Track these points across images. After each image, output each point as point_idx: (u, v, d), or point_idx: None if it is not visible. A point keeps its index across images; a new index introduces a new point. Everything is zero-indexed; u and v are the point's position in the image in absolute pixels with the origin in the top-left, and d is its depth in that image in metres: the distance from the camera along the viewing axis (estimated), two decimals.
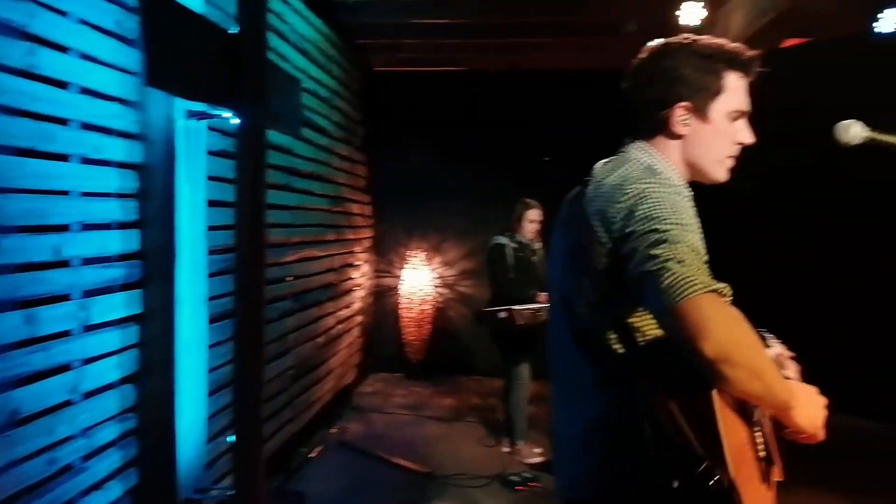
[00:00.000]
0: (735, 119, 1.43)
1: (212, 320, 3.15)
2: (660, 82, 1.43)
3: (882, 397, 5.09)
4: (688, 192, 1.35)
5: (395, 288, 7.25)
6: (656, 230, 1.21)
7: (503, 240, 4.78)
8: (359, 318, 6.44)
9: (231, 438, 3.01)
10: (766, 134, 1.52)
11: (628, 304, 1.33)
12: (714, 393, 1.24)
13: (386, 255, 7.32)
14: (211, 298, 3.12)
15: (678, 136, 1.44)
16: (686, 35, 1.46)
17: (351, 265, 6.11)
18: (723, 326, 1.13)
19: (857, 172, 3.83)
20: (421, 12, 5.52)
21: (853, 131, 1.47)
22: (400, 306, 7.13)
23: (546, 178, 6.49)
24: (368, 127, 6.62)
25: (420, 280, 7.06)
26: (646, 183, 1.30)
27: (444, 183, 7.05)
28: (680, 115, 1.41)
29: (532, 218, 4.78)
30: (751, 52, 1.42)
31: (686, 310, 1.13)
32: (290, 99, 3.50)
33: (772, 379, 1.21)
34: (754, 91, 1.48)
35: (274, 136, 3.75)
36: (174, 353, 2.83)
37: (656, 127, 1.45)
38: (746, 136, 1.45)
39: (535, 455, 4.75)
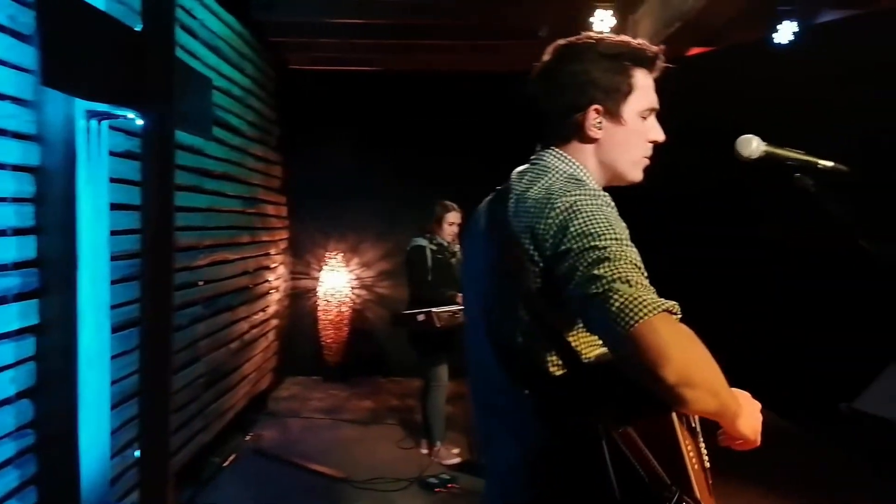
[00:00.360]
0: (646, 117, 1.41)
1: (115, 329, 3.02)
2: (570, 86, 1.38)
3: (786, 395, 5.34)
4: (611, 201, 1.29)
5: (313, 290, 7.15)
6: (595, 247, 1.15)
7: (422, 242, 4.77)
8: (274, 322, 6.31)
9: (137, 453, 2.89)
10: (669, 135, 1.51)
11: (566, 325, 1.28)
12: (674, 415, 1.20)
13: (303, 257, 7.20)
14: (114, 307, 2.99)
15: (593, 140, 1.39)
16: (588, 35, 1.42)
17: (266, 268, 5.98)
18: (681, 349, 1.07)
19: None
20: (337, 12, 5.45)
21: (754, 146, 1.49)
22: (317, 308, 7.04)
23: (462, 178, 6.57)
24: (284, 126, 6.49)
25: (338, 281, 6.98)
26: (574, 195, 1.23)
27: (361, 183, 7.00)
28: (593, 119, 1.37)
29: (451, 220, 4.80)
30: (655, 49, 1.41)
31: (640, 335, 1.06)
32: (200, 98, 3.38)
33: (726, 393, 1.18)
34: (660, 93, 1.47)
35: (183, 136, 3.62)
36: (75, 365, 2.69)
37: (569, 132, 1.40)
38: (658, 133, 1.43)
39: (453, 456, 4.77)
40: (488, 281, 1.38)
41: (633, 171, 1.43)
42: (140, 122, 2.64)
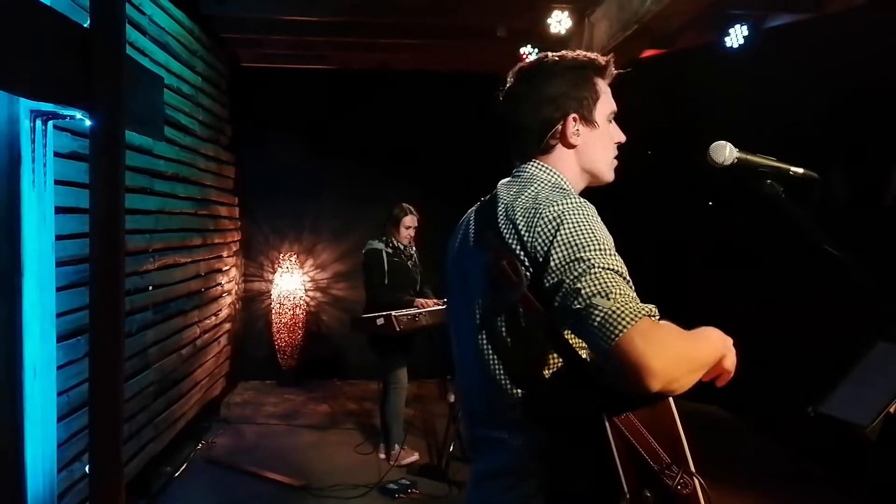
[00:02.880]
0: (611, 121, 1.53)
1: (61, 338, 2.89)
2: (546, 102, 1.47)
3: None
4: (594, 210, 1.36)
5: (266, 292, 7.03)
6: (579, 259, 1.22)
7: (378, 245, 4.71)
8: (227, 326, 6.16)
9: (87, 468, 2.77)
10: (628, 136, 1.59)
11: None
12: (670, 399, 1.29)
13: (256, 259, 7.07)
14: (60, 314, 2.86)
15: (572, 147, 1.48)
16: (545, 55, 1.53)
17: (218, 270, 5.83)
18: (660, 357, 1.13)
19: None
20: (290, 8, 5.34)
21: (727, 152, 1.50)
22: (271, 311, 6.91)
23: (418, 179, 6.54)
24: (236, 125, 6.33)
25: (292, 284, 6.86)
26: (560, 206, 1.31)
27: (316, 183, 6.92)
28: (572, 127, 1.47)
29: (408, 224, 4.76)
30: (607, 58, 1.52)
31: (621, 349, 1.12)
32: (151, 97, 3.25)
33: (707, 354, 1.28)
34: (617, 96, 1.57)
35: (133, 136, 3.50)
36: (20, 376, 2.57)
37: (549, 144, 1.48)
38: (620, 135, 1.55)
39: (410, 455, 4.72)
40: (481, 286, 1.42)
41: (609, 172, 1.54)
42: (88, 122, 2.52)
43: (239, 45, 6.21)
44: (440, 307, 4.55)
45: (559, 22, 5.19)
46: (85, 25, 2.47)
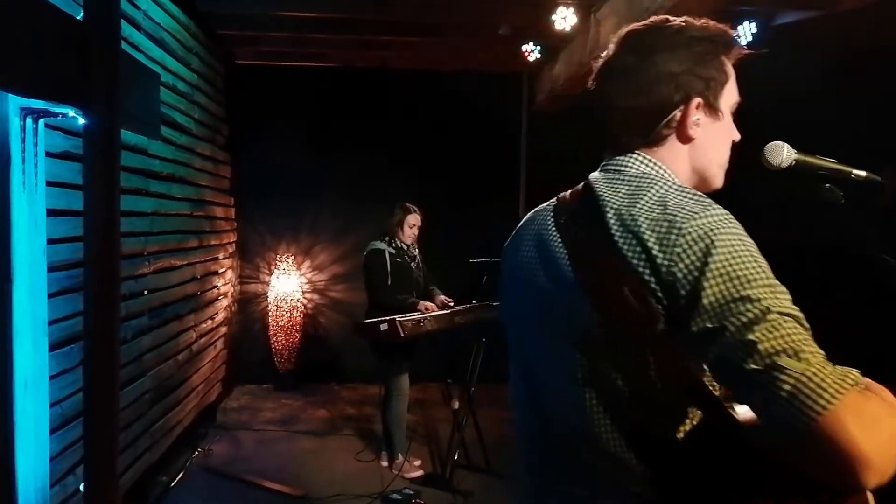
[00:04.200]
0: (733, 113, 1.23)
1: (54, 347, 2.76)
2: (664, 79, 1.15)
3: None
4: None
5: (263, 295, 6.89)
6: (746, 298, 0.93)
7: (381, 245, 4.58)
8: (223, 330, 6.03)
9: (81, 486, 2.64)
10: None
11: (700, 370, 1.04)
12: (869, 495, 1.02)
13: (252, 261, 6.92)
14: (52, 322, 2.73)
15: (689, 140, 1.18)
16: (664, 18, 1.22)
17: (215, 273, 5.70)
18: (876, 442, 0.86)
19: None
20: (287, 5, 5.21)
21: (784, 154, 1.34)
22: (268, 314, 6.77)
23: (420, 178, 6.42)
24: (233, 124, 6.20)
25: (289, 286, 6.72)
26: (706, 217, 1.00)
27: (314, 183, 6.79)
28: (694, 115, 1.16)
29: (412, 223, 4.63)
30: (735, 33, 1.23)
31: (825, 432, 0.85)
32: (148, 95, 3.13)
33: None
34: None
35: (128, 135, 3.36)
36: (10, 387, 2.44)
37: (661, 133, 1.18)
38: (736, 132, 1.25)
39: (416, 469, 4.59)
40: (581, 318, 1.08)
41: (720, 176, 1.24)
42: (82, 120, 2.39)
43: (236, 42, 6.07)
44: (445, 312, 4.43)
45: (564, 18, 5.07)
46: (78, 18, 2.34)
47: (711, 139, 1.19)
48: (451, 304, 4.64)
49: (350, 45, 6.14)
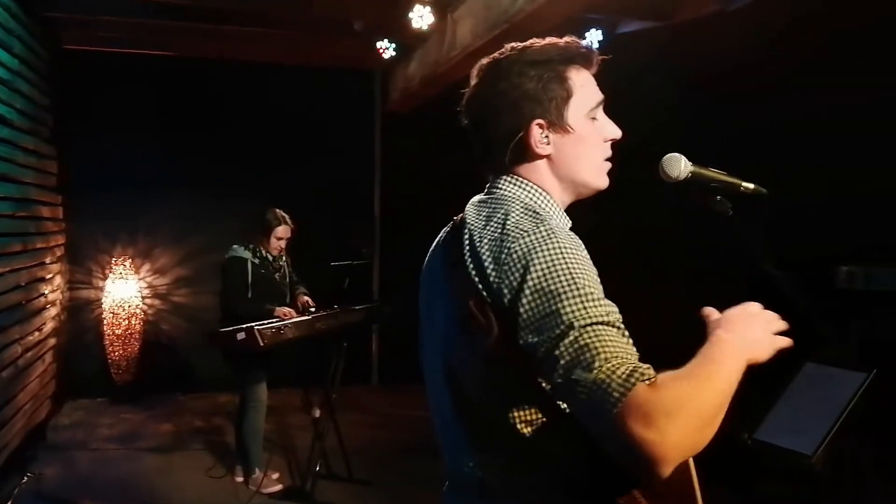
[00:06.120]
0: (595, 117, 1.28)
1: None
2: (504, 107, 1.23)
3: None
4: (574, 238, 1.16)
5: (97, 301, 6.37)
6: (554, 313, 1.03)
7: (243, 253, 4.30)
8: (52, 342, 5.49)
9: None
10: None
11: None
12: (690, 461, 1.13)
13: (83, 264, 6.38)
14: None
15: (543, 158, 1.26)
16: (512, 46, 1.28)
17: (41, 279, 5.17)
18: (665, 433, 0.92)
19: None
20: None
21: (682, 166, 1.34)
22: (102, 322, 6.26)
23: (265, 177, 6.19)
24: (60, 115, 5.65)
25: (127, 291, 6.25)
26: (531, 237, 1.10)
27: (154, 180, 6.34)
28: (538, 135, 1.23)
29: (281, 235, 4.36)
30: (582, 43, 1.28)
31: (616, 433, 0.93)
32: None
33: (726, 388, 1.00)
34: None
35: None
36: None
37: (517, 155, 1.26)
38: (613, 130, 1.31)
39: (274, 483, 4.39)
40: (447, 328, 1.23)
41: (598, 179, 1.30)
42: None
43: (64, 27, 5.55)
44: (306, 318, 4.26)
45: (421, 17, 5.04)
46: None
47: (568, 151, 1.26)
48: (312, 307, 4.46)
49: (193, 34, 5.79)
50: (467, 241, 1.20)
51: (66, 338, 6.05)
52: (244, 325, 3.94)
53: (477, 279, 1.14)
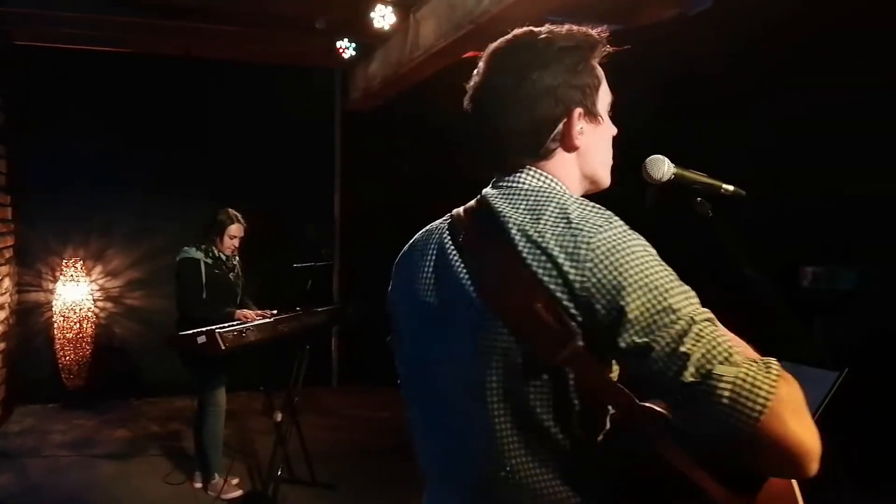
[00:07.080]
0: (609, 112, 1.24)
1: None
2: (542, 95, 1.13)
3: None
4: None
5: (47, 304, 6.18)
6: (670, 309, 0.95)
7: (195, 254, 4.22)
8: (0, 346, 5.31)
9: None
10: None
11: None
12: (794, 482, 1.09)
13: (33, 266, 6.18)
14: None
15: (575, 150, 1.18)
16: (530, 30, 1.19)
17: None
18: (810, 429, 0.91)
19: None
20: None
21: (665, 168, 1.36)
22: (53, 325, 6.08)
23: (229, 176, 6.09)
24: (9, 112, 5.48)
25: (78, 293, 6.08)
26: (611, 230, 1.01)
27: (108, 179, 6.20)
28: (577, 124, 1.16)
29: (234, 233, 4.29)
30: (599, 32, 1.21)
31: (769, 432, 0.89)
32: None
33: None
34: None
35: None
36: None
37: (547, 147, 1.17)
38: (614, 127, 1.25)
39: (234, 489, 4.30)
40: (490, 336, 1.06)
41: (608, 176, 1.25)
42: None
43: (12, 21, 5.37)
44: (268, 320, 4.19)
45: (383, 17, 5.03)
46: None
47: (595, 143, 1.20)
48: (273, 313, 4.39)
49: (150, 29, 5.66)
50: (518, 237, 1.05)
51: (15, 342, 5.87)
52: (205, 329, 3.85)
53: (546, 278, 1.01)
